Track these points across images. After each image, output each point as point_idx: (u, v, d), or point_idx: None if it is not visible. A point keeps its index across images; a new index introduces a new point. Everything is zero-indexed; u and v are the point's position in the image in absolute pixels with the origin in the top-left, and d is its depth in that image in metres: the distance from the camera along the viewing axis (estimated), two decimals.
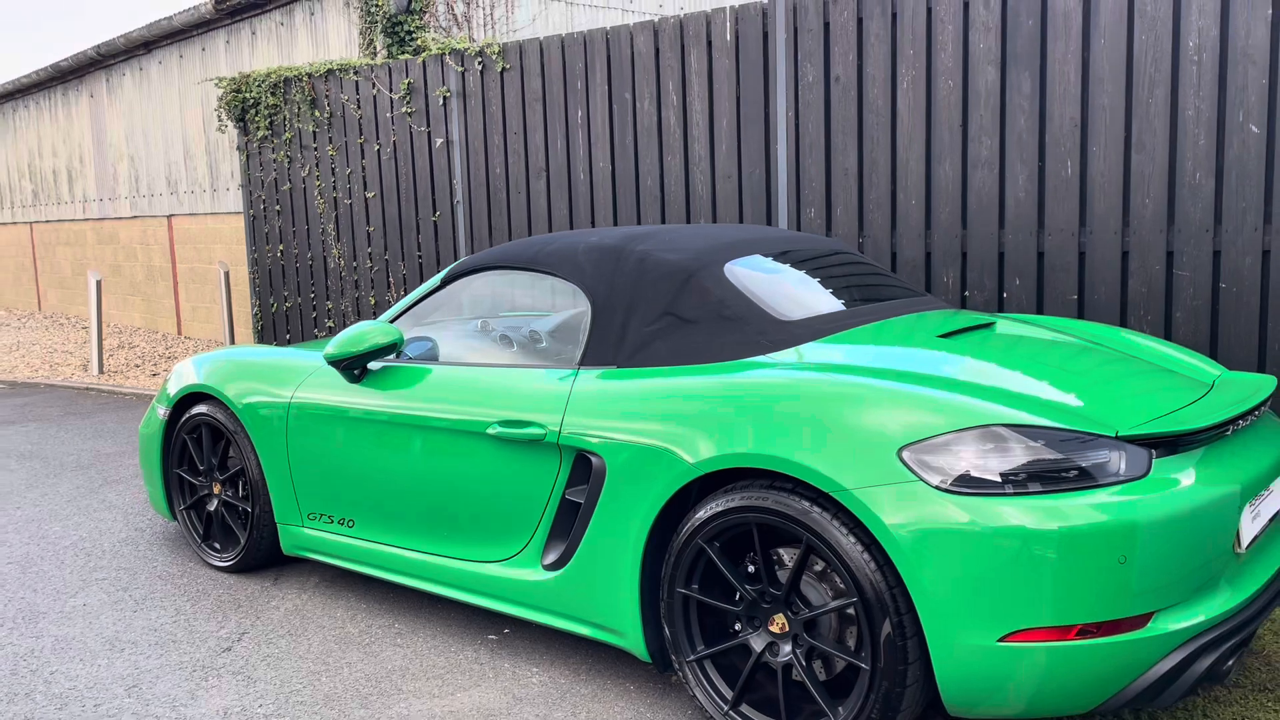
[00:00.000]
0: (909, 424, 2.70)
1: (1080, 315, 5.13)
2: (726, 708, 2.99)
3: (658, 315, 3.39)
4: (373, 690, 3.43)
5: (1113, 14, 4.91)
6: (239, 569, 4.49)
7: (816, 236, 4.28)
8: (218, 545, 4.59)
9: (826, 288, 3.82)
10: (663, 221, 6.53)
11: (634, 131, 6.58)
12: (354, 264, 8.37)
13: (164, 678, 3.55)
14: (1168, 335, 4.93)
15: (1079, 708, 2.65)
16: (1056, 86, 5.09)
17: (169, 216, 13.15)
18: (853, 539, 2.70)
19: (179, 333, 13.33)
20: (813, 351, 3.20)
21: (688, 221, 6.42)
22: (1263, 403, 3.01)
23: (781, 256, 3.88)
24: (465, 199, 7.55)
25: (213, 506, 4.59)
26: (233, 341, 10.62)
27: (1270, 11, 4.57)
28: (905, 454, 2.66)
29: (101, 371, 10.76)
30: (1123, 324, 5.03)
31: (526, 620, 3.54)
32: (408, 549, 3.84)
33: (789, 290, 3.63)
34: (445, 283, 4.02)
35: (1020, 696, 2.61)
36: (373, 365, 3.98)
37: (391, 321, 4.08)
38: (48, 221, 16.50)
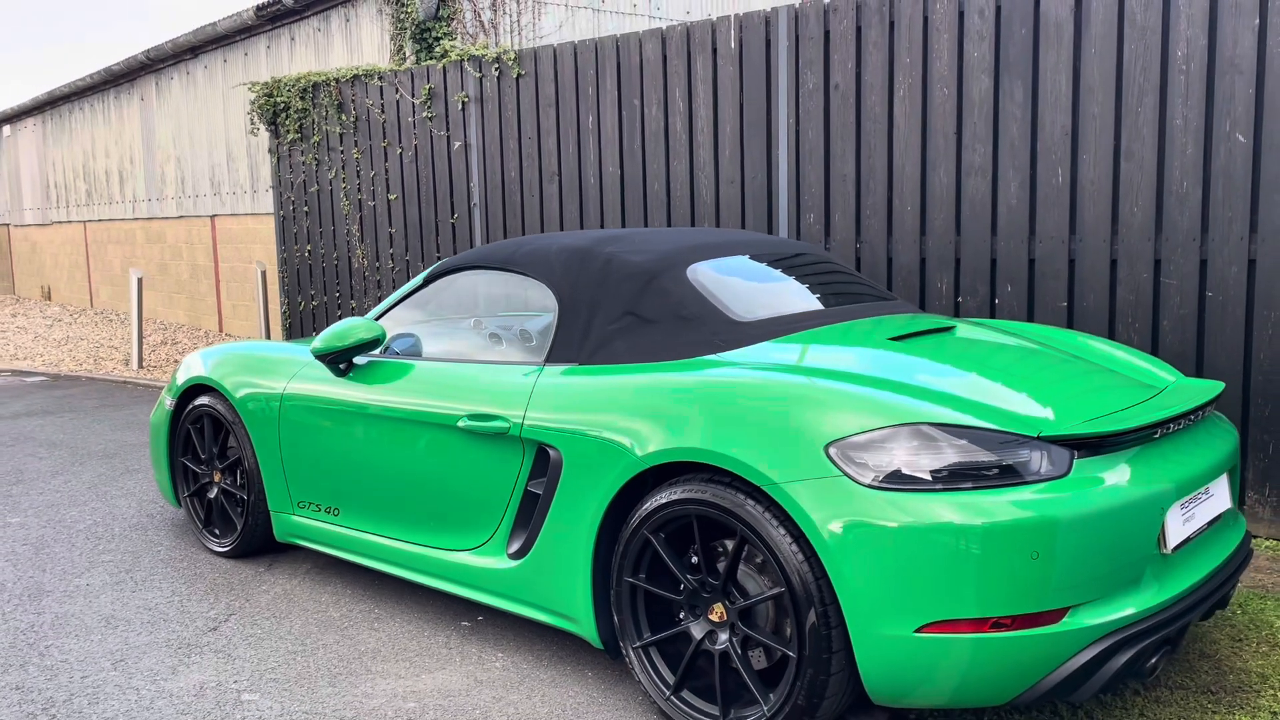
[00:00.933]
0: (836, 421, 2.80)
1: (1070, 322, 5.17)
2: (669, 693, 3.10)
3: (620, 314, 3.51)
4: (343, 670, 3.58)
5: (1103, 23, 4.95)
6: (236, 554, 4.68)
7: (794, 241, 4.38)
8: (217, 531, 4.79)
9: (792, 290, 3.92)
10: (668, 225, 6.64)
11: (642, 137, 6.71)
12: (376, 264, 8.59)
13: (150, 653, 3.74)
14: (1155, 343, 4.95)
15: (996, 699, 2.73)
16: (1048, 95, 5.14)
17: (212, 217, 13.52)
18: (783, 531, 2.80)
19: (220, 330, 13.68)
20: (763, 351, 3.30)
21: (692, 225, 6.53)
22: (1199, 408, 3.05)
23: (756, 260, 3.99)
24: (482, 202, 7.72)
25: (213, 494, 4.78)
26: (268, 339, 10.90)
27: (1257, 21, 4.58)
28: (831, 450, 2.76)
29: (141, 366, 11.10)
30: (1111, 332, 5.06)
31: (499, 608, 3.67)
32: (387, 537, 4.00)
33: (752, 292, 3.74)
34: (427, 281, 4.18)
35: (938, 687, 2.69)
36: (358, 360, 4.15)
37: (377, 318, 4.24)
38: (99, 220, 17.01)
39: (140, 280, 11.18)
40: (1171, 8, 4.78)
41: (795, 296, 3.86)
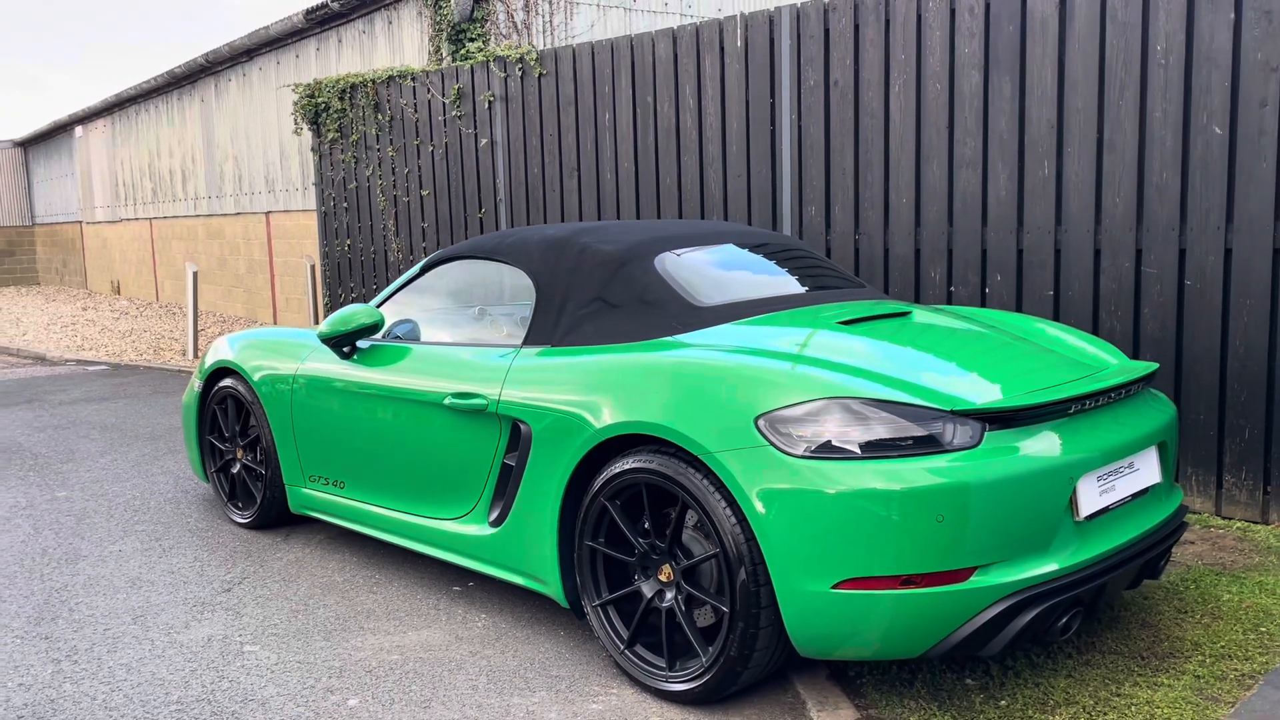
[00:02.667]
0: (765, 395, 3.03)
1: (1056, 311, 5.32)
2: (623, 647, 3.36)
3: (590, 300, 3.77)
4: (338, 627, 3.90)
5: (1086, 19, 5.09)
6: (256, 525, 5.04)
7: (776, 233, 4.60)
8: (240, 504, 5.15)
9: (762, 278, 4.14)
10: (680, 217, 6.88)
11: (655, 133, 6.96)
12: (410, 258, 8.95)
13: (168, 610, 4.09)
14: (1136, 330, 5.09)
15: (911, 652, 2.94)
16: (1034, 89, 5.29)
17: (267, 213, 14.04)
18: (718, 496, 3.04)
19: (275, 322, 14.20)
20: (717, 334, 3.54)
21: (702, 218, 6.76)
22: (1118, 386, 3.23)
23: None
24: (507, 197, 8.04)
25: (236, 469, 5.15)
26: None
27: (1233, 15, 4.70)
28: (760, 422, 2.99)
29: (196, 355, 11.62)
30: (1094, 319, 5.20)
31: (483, 573, 3.96)
32: (386, 507, 4.31)
33: (719, 279, 3.98)
34: (424, 270, 4.48)
35: (859, 640, 2.92)
36: (361, 344, 4.46)
37: (379, 305, 4.56)
38: (164, 218, 17.69)
39: (195, 274, 11.70)
40: (1151, 3, 4.90)
41: (763, 284, 4.08)
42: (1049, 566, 2.94)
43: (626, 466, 3.27)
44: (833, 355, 3.28)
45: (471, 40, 9.46)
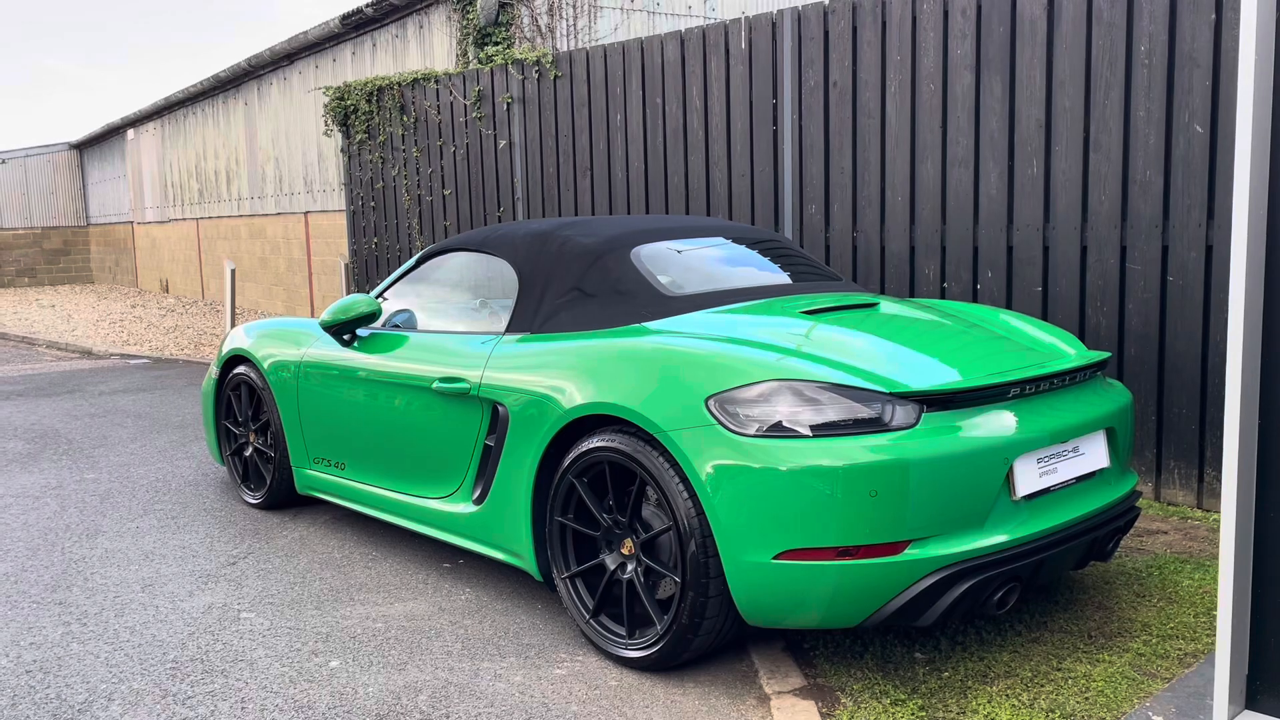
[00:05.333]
0: (716, 377, 3.21)
1: (1044, 306, 5.42)
2: (588, 616, 3.55)
3: (568, 290, 3.97)
4: (330, 598, 4.13)
5: (1073, 20, 5.20)
6: (266, 506, 5.29)
7: (763, 229, 4.77)
8: (252, 485, 5.41)
9: (740, 271, 4.31)
10: (687, 214, 7.05)
11: (663, 133, 7.14)
12: None
13: (174, 581, 4.35)
14: (1120, 326, 5.18)
15: (850, 621, 3.10)
16: (1024, 89, 5.40)
17: (305, 213, 14.40)
18: (673, 473, 3.22)
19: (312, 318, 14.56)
20: (683, 321, 3.72)
21: (707, 215, 6.92)
22: (1060, 373, 3.36)
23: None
24: (524, 195, 8.26)
25: (249, 453, 5.40)
26: None
27: (1214, 16, 4.79)
28: (710, 402, 3.16)
29: None
30: (1081, 315, 5.30)
31: (468, 549, 4.16)
32: (382, 487, 4.53)
33: (693, 271, 4.15)
34: (420, 262, 4.70)
35: (797, 607, 3.08)
36: (361, 332, 4.69)
37: (379, 295, 4.79)
38: (210, 218, 18.17)
39: (234, 271, 12.06)
40: (1135, 4, 5.00)
41: (738, 276, 4.25)
42: (984, 542, 3.08)
43: (592, 445, 3.45)
44: (789, 341, 3.44)
45: (495, 44, 9.70)
